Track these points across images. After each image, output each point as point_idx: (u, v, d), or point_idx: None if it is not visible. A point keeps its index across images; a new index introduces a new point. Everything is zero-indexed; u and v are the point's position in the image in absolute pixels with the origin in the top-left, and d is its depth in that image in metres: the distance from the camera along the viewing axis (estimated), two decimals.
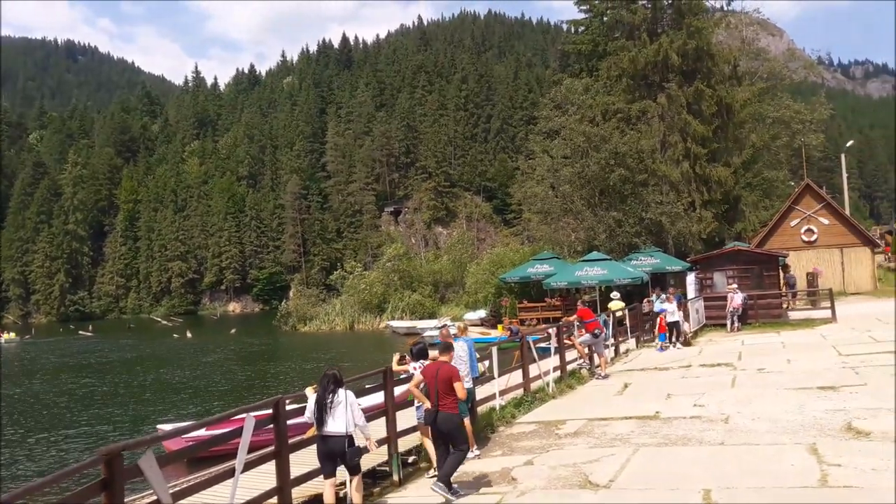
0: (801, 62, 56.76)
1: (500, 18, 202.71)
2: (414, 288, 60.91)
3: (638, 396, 12.78)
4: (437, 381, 7.74)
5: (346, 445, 7.04)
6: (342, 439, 7.04)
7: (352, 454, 7.10)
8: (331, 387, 7.15)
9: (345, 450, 7.04)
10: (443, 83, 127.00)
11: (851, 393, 10.86)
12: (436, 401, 7.74)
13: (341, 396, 7.12)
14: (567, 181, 39.34)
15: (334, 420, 7.05)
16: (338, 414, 7.05)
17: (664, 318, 20.20)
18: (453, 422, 7.74)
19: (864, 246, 34.74)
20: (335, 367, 7.48)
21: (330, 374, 7.25)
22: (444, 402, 7.70)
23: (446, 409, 7.70)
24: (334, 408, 7.06)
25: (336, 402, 7.08)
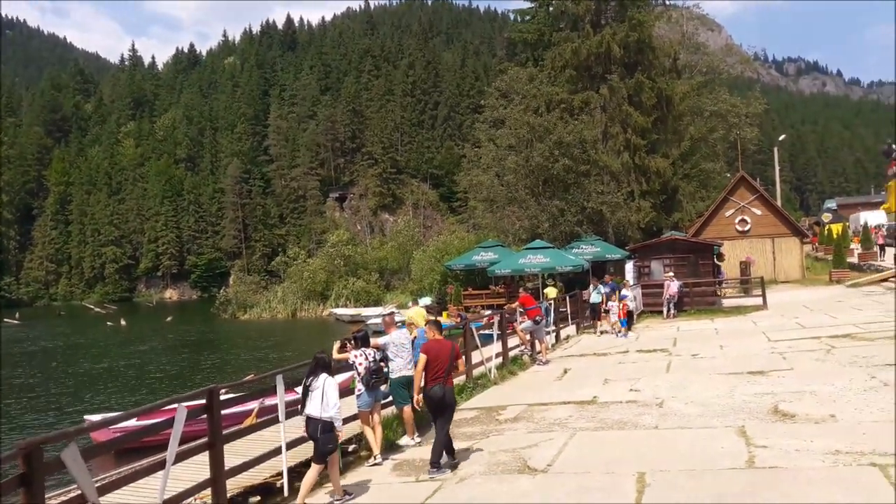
0: (738, 57, 58.32)
1: (447, 5, 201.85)
2: (359, 275, 60.53)
3: (576, 382, 13.00)
4: (452, 357, 8.24)
5: (318, 430, 7.16)
6: (316, 422, 7.18)
7: (323, 441, 7.19)
8: (318, 371, 7.39)
9: (317, 433, 7.19)
10: (389, 68, 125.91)
11: (779, 377, 11.27)
12: (445, 378, 8.12)
13: (320, 381, 7.30)
14: (512, 170, 39.61)
15: (311, 403, 7.27)
16: (314, 398, 7.25)
17: (626, 303, 20.65)
18: (454, 395, 8.42)
19: (794, 236, 36.06)
20: (323, 352, 7.82)
21: (318, 358, 7.55)
22: (450, 377, 8.18)
23: (451, 382, 8.21)
24: (312, 391, 7.29)
25: (315, 386, 7.29)
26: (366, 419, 8.98)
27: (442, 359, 8.22)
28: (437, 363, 8.19)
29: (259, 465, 7.80)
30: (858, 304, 21.08)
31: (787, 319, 19.53)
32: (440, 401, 8.14)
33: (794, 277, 34.55)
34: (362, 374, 8.81)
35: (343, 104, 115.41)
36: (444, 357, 8.23)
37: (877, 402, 8.77)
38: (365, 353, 8.91)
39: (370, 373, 8.81)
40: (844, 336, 14.71)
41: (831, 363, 11.88)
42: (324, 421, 7.17)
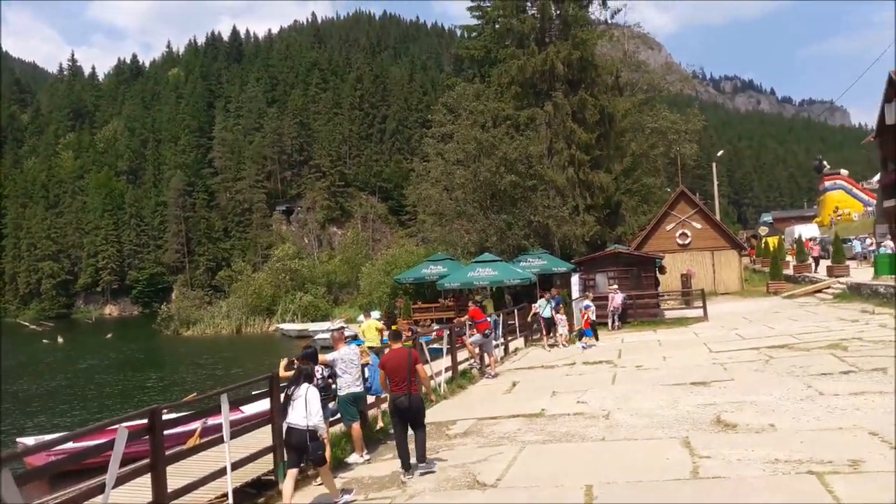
0: (678, 75, 60.02)
1: (395, 20, 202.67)
2: (306, 289, 59.82)
3: (525, 395, 13.11)
4: (410, 364, 8.33)
5: (306, 439, 7.25)
6: (301, 432, 7.28)
7: (314, 448, 7.30)
8: (300, 380, 7.55)
9: (305, 442, 7.26)
10: (337, 81, 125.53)
11: (721, 388, 11.57)
12: (408, 385, 8.26)
13: (302, 391, 7.41)
14: (460, 185, 39.86)
15: (294, 412, 7.38)
16: (297, 406, 7.36)
17: (588, 313, 20.86)
18: (422, 400, 8.53)
19: (733, 249, 37.18)
20: (307, 362, 8.15)
21: (303, 369, 7.75)
22: (415, 385, 8.31)
23: (416, 389, 8.33)
24: (295, 400, 7.39)
25: (297, 395, 7.40)
26: None
27: (401, 368, 8.35)
28: (397, 373, 8.36)
29: (203, 487, 7.61)
30: (794, 315, 21.84)
31: (727, 331, 20.08)
32: (406, 410, 8.34)
33: (733, 289, 35.59)
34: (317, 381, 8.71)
35: (290, 117, 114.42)
36: (403, 366, 8.36)
37: (813, 411, 9.10)
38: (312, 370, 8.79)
39: (318, 390, 8.69)
40: (782, 346, 15.20)
41: (770, 373, 12.26)
42: (309, 430, 7.27)
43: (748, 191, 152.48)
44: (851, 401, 9.38)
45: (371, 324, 18.59)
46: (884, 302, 20.88)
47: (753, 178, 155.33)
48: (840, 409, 9.05)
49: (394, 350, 8.70)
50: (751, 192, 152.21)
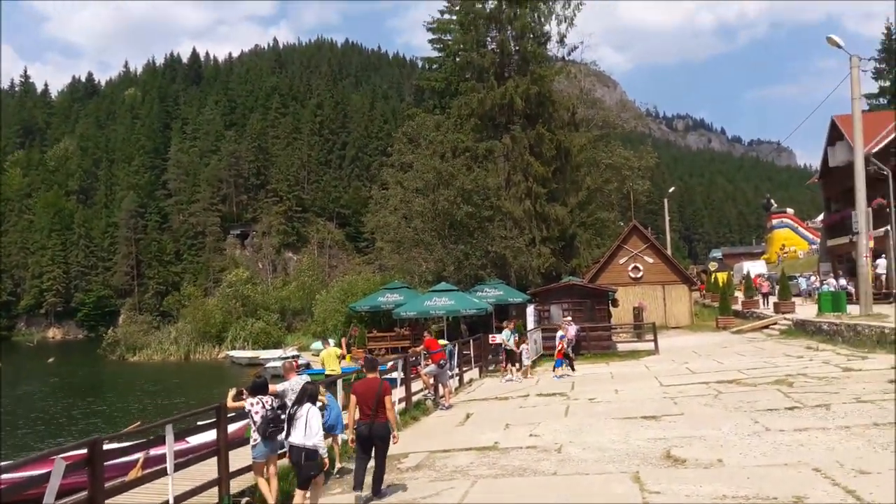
0: (632, 113, 61.56)
1: (357, 48, 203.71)
2: (258, 315, 58.82)
3: (479, 427, 13.05)
4: (379, 395, 8.55)
5: (302, 457, 7.57)
6: (299, 451, 7.60)
7: (307, 467, 7.60)
8: (304, 400, 7.82)
9: (299, 461, 7.63)
10: (297, 107, 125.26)
11: (671, 422, 11.71)
12: (373, 413, 8.51)
13: (304, 410, 7.70)
14: (419, 214, 39.99)
15: (296, 431, 7.68)
16: (298, 426, 7.66)
17: (564, 343, 20.71)
18: (387, 429, 8.63)
19: (683, 283, 37.94)
20: (314, 383, 8.57)
21: (307, 388, 8.06)
22: (380, 414, 8.53)
23: (382, 419, 8.54)
24: (297, 420, 7.69)
25: (299, 414, 7.69)
26: (260, 470, 8.68)
27: (370, 397, 8.59)
28: (365, 401, 8.61)
29: None
30: (742, 350, 22.32)
31: (677, 364, 20.40)
32: (366, 438, 8.62)
33: (683, 323, 36.24)
34: (258, 423, 8.53)
35: (248, 140, 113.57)
36: (371, 395, 8.59)
37: (759, 447, 9.26)
38: (262, 401, 8.64)
39: (267, 422, 8.53)
40: (730, 381, 15.49)
41: (718, 408, 12.46)
42: (307, 449, 7.56)
43: (699, 226, 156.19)
44: (796, 437, 9.59)
45: (331, 351, 18.42)
46: (826, 339, 21.50)
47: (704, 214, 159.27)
48: (785, 445, 9.23)
49: (367, 379, 8.97)
50: (701, 227, 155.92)
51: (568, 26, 42.45)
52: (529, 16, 40.81)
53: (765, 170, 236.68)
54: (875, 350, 17.67)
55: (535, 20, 41.33)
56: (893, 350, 16.61)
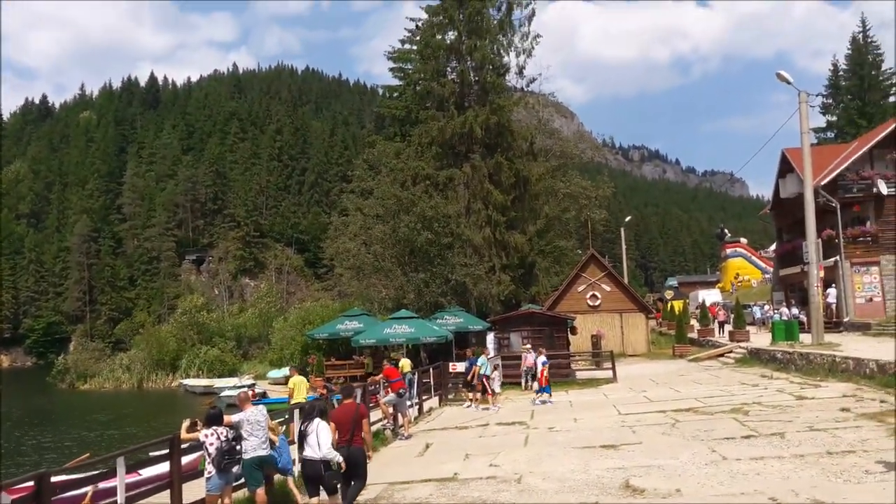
0: (589, 143, 62.64)
1: (317, 75, 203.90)
2: (213, 343, 57.66)
3: (438, 457, 12.92)
4: (356, 420, 8.73)
5: (321, 469, 8.05)
6: (316, 463, 8.08)
7: (329, 477, 8.13)
8: (314, 415, 8.28)
9: (320, 473, 8.07)
10: (256, 132, 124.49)
11: (629, 451, 11.75)
12: (350, 437, 8.67)
13: (314, 426, 8.15)
14: (379, 240, 39.91)
15: (309, 446, 8.15)
16: (311, 441, 8.15)
17: (546, 369, 20.51)
18: (363, 453, 8.79)
19: (640, 312, 38.42)
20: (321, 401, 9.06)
21: (317, 404, 8.56)
22: (357, 437, 8.73)
23: (358, 443, 8.73)
24: (309, 435, 8.15)
25: (310, 430, 8.16)
26: (213, 501, 8.43)
27: (345, 422, 8.75)
28: (343, 425, 8.75)
29: None
30: (698, 379, 22.62)
31: (635, 392, 20.55)
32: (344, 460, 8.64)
33: (640, 351, 36.61)
34: (213, 455, 8.30)
35: (206, 165, 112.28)
36: (348, 420, 8.75)
37: (717, 476, 9.35)
38: (217, 433, 8.42)
39: (222, 454, 8.31)
40: (687, 410, 15.65)
41: (676, 437, 12.56)
42: (325, 461, 8.06)
43: (654, 255, 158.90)
44: (752, 466, 9.70)
45: (300, 381, 18.23)
46: (780, 367, 21.95)
47: (659, 243, 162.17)
48: (742, 474, 9.33)
49: (344, 404, 9.17)
50: (657, 256, 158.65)
51: (526, 58, 43.33)
52: (489, 47, 41.52)
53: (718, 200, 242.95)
54: (827, 378, 18.08)
55: (494, 52, 42.08)
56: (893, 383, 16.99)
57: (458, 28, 42.03)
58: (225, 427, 8.69)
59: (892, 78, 62.59)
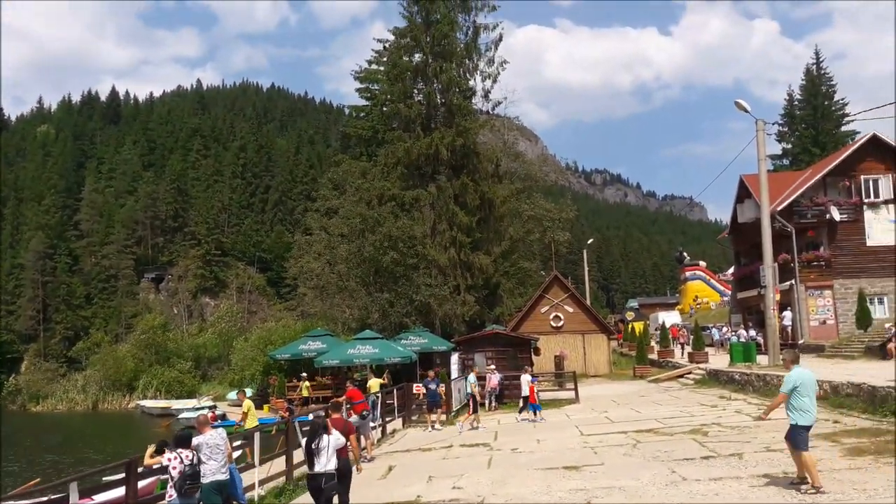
0: (553, 167, 63.67)
1: (283, 93, 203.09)
2: (172, 363, 56.54)
3: (401, 480, 12.85)
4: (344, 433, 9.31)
5: (323, 481, 8.57)
6: (322, 476, 8.56)
7: (329, 489, 8.68)
8: (319, 431, 8.71)
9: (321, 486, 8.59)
10: (220, 149, 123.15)
11: (591, 472, 11.84)
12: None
13: (325, 441, 8.64)
14: (343, 259, 39.75)
15: (319, 461, 8.57)
16: (322, 456, 8.58)
17: (534, 387, 20.67)
18: (348, 466, 9.42)
19: (602, 333, 38.78)
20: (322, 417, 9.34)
21: (319, 422, 8.88)
22: (343, 451, 9.20)
23: (344, 455, 9.22)
24: (320, 451, 8.59)
25: (321, 446, 8.60)
26: None
27: None
28: None
29: None
30: (659, 400, 22.91)
31: (597, 413, 20.72)
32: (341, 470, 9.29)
33: (602, 372, 36.94)
34: (175, 478, 8.15)
35: (167, 181, 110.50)
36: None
37: (677, 497, 9.47)
38: (181, 456, 8.27)
39: (184, 478, 8.16)
40: (648, 431, 15.84)
41: (637, 457, 12.70)
42: (327, 473, 8.58)
43: (616, 277, 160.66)
44: (711, 486, 9.86)
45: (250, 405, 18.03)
46: (738, 388, 22.36)
47: (621, 265, 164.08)
48: (701, 494, 9.47)
49: (332, 419, 9.73)
50: (618, 278, 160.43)
51: (492, 83, 43.91)
52: (455, 70, 42.01)
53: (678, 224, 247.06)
54: None
55: (460, 75, 42.57)
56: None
57: (425, 50, 42.45)
58: (189, 450, 8.54)
59: (843, 108, 64.83)
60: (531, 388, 20.75)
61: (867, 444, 11.61)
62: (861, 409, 14.69)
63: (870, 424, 13.33)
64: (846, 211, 32.51)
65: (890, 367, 18.72)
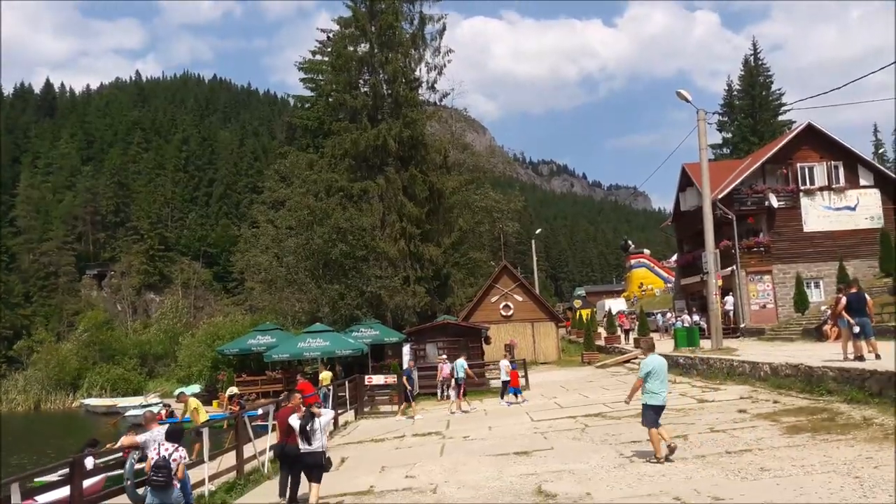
0: (501, 158, 64.06)
1: (225, 84, 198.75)
2: (117, 361, 55.08)
3: (354, 471, 12.83)
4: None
5: (321, 459, 9.78)
6: (318, 454, 9.72)
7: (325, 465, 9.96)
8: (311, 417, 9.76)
9: (321, 462, 9.77)
10: (161, 142, 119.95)
11: (541, 457, 12.04)
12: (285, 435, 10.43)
13: (316, 424, 9.76)
14: (292, 252, 39.27)
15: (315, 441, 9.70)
16: (316, 437, 9.72)
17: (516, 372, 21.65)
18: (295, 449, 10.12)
19: (551, 321, 39.38)
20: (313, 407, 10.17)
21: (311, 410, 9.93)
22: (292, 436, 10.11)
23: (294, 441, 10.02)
24: (314, 432, 9.68)
25: (314, 427, 9.71)
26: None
27: (283, 422, 10.49)
28: (281, 426, 10.62)
29: None
30: (606, 384, 23.38)
31: (546, 399, 21.05)
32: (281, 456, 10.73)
33: (551, 358, 37.51)
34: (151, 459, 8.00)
35: (107, 176, 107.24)
36: (284, 421, 10.40)
37: (625, 479, 9.70)
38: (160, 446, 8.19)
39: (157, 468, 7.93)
40: (596, 415, 16.16)
41: (586, 441, 12.96)
42: (320, 452, 9.74)
43: (564, 266, 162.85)
44: (658, 468, 10.11)
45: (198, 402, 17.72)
46: (682, 372, 22.96)
47: (568, 254, 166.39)
48: (648, 476, 9.72)
49: (286, 407, 10.87)
50: (566, 267, 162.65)
51: (438, 74, 43.89)
52: (401, 61, 41.77)
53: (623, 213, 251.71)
54: (726, 381, 19.06)
55: (406, 65, 42.36)
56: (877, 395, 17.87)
57: (371, 40, 42.13)
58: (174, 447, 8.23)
59: (780, 98, 66.94)
60: (513, 374, 21.71)
61: (804, 422, 12.08)
62: (799, 389, 15.26)
63: (807, 403, 13.86)
64: (784, 198, 33.63)
65: (825, 348, 19.49)
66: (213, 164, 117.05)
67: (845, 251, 32.03)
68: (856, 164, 34.05)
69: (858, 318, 14.54)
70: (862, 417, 11.64)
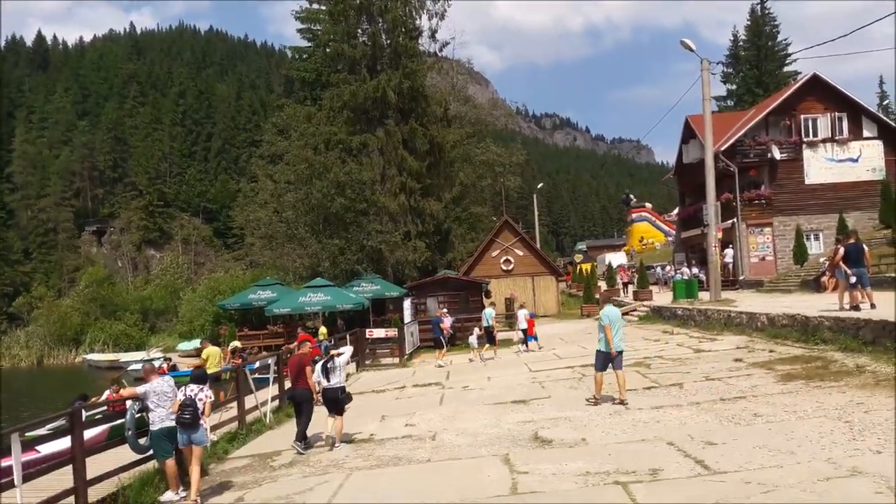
0: (503, 111, 63.25)
1: (221, 36, 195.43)
2: (119, 317, 55.50)
3: (354, 420, 12.96)
4: (300, 366, 11.25)
5: (338, 394, 10.86)
6: (336, 390, 10.87)
7: (344, 400, 11.06)
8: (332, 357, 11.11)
9: (338, 397, 10.84)
10: (157, 95, 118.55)
11: (539, 405, 12.19)
12: (295, 381, 11.37)
13: (337, 362, 11.00)
14: (291, 207, 39.14)
15: (334, 377, 10.91)
16: (336, 373, 10.97)
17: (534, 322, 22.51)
18: (308, 395, 11.11)
19: (551, 275, 39.51)
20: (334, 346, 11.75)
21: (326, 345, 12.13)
22: (302, 380, 11.12)
23: (303, 385, 11.10)
24: (335, 369, 10.95)
25: (336, 364, 10.97)
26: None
27: (291, 369, 11.52)
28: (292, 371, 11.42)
29: None
30: None
31: (545, 351, 21.24)
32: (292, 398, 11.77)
33: (551, 312, 37.76)
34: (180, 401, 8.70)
35: (103, 131, 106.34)
36: (293, 367, 11.41)
37: (620, 425, 9.83)
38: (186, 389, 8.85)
39: (183, 406, 8.63)
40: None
41: (583, 390, 13.08)
42: (341, 387, 10.97)
43: (566, 221, 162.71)
44: (653, 414, 10.25)
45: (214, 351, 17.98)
46: (681, 323, 23.10)
47: (570, 209, 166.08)
48: (643, 422, 9.85)
49: (295, 355, 11.82)
50: (568, 222, 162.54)
51: (439, 20, 43.04)
52: (401, 9, 40.90)
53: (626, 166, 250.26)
54: (723, 332, 19.17)
55: (406, 13, 41.49)
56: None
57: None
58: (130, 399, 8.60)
59: (786, 48, 65.81)
60: (530, 322, 22.40)
61: (799, 370, 12.18)
62: (795, 339, 15.34)
63: (802, 352, 13.95)
64: (786, 150, 33.33)
65: (823, 298, 19.55)
66: (210, 118, 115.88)
67: (846, 203, 31.87)
68: (860, 116, 33.64)
69: (855, 269, 14.55)
70: (855, 365, 11.72)
